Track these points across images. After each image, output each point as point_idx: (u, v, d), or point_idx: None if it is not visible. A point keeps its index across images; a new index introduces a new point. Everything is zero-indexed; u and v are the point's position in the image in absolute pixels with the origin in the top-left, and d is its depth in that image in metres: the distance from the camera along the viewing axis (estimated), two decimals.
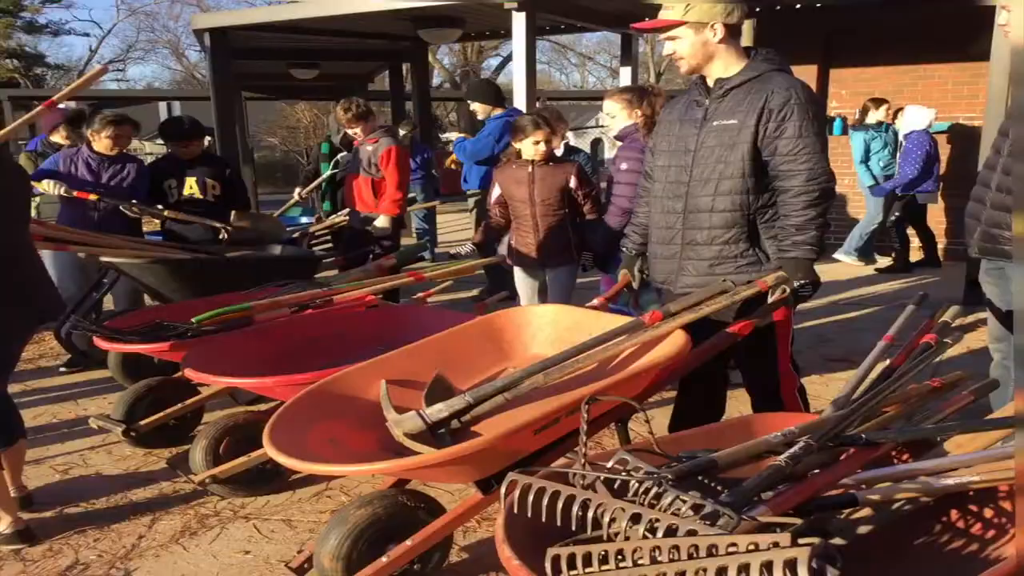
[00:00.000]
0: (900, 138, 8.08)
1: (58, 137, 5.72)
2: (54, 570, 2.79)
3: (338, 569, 2.35)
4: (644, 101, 4.10)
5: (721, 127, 2.80)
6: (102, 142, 5.03)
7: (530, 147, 4.21)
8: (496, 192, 4.46)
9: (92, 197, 4.87)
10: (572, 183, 4.28)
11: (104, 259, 4.40)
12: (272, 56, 10.96)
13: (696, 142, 2.87)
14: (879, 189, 8.06)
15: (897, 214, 8.13)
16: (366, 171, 5.66)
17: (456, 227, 12.63)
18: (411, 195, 7.57)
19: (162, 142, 6.39)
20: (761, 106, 2.72)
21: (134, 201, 4.94)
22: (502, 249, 4.70)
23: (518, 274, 4.57)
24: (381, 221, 5.62)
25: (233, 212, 5.18)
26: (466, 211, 10.08)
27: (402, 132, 8.51)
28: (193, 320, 3.51)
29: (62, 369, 5.29)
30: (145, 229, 5.45)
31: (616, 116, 4.19)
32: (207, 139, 7.43)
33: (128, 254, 4.39)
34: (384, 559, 2.31)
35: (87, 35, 55.19)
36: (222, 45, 8.58)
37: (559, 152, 5.44)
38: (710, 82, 2.89)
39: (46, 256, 5.53)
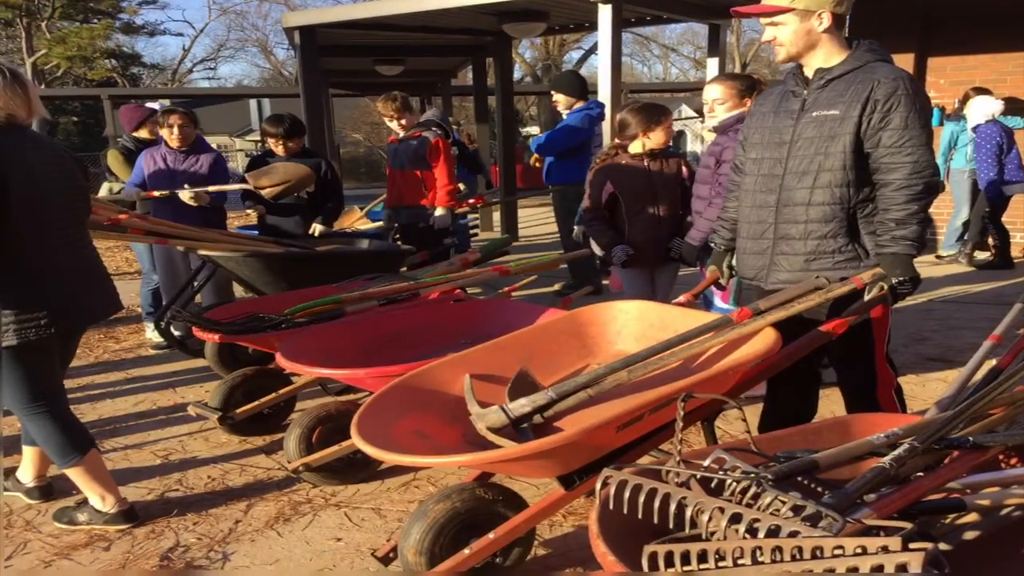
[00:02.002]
0: (968, 131, 7.77)
1: (144, 133, 5.97)
2: (157, 551, 2.91)
3: (422, 563, 2.37)
4: (755, 92, 3.96)
5: (821, 118, 2.71)
6: (164, 133, 5.32)
7: (661, 135, 4.14)
8: (607, 190, 4.24)
9: (155, 194, 5.16)
10: (684, 172, 4.23)
11: (202, 252, 4.56)
12: (359, 53, 11.12)
13: (793, 133, 2.79)
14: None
15: (987, 209, 7.81)
16: (413, 165, 5.68)
17: (538, 220, 12.67)
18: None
19: (251, 138, 6.51)
20: (866, 96, 2.62)
21: (185, 185, 5.12)
22: (596, 246, 4.57)
23: (630, 275, 4.33)
24: (440, 212, 5.67)
25: (248, 175, 5.25)
26: (548, 205, 10.11)
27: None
28: (286, 312, 3.61)
29: (152, 350, 5.71)
30: (240, 224, 5.61)
31: (725, 103, 3.98)
32: None
33: (225, 248, 4.53)
34: (466, 551, 2.33)
35: (180, 35, 57.55)
36: (311, 42, 8.75)
37: None
38: (808, 72, 2.80)
39: (141, 248, 5.83)
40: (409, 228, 5.79)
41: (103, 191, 6.17)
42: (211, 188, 5.15)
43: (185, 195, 5.07)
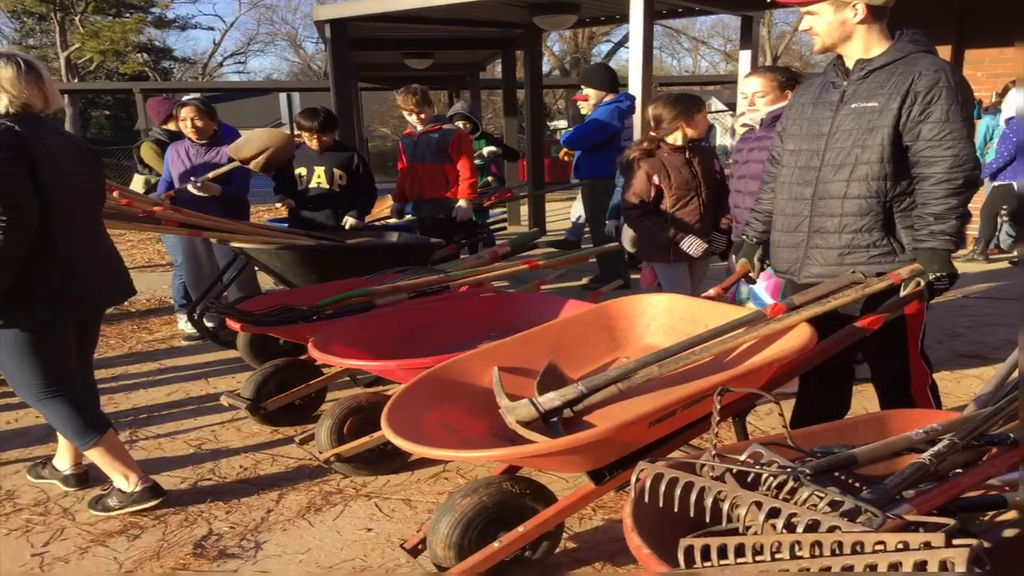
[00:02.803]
0: (1001, 122, 7.63)
1: (172, 125, 6.04)
2: (190, 539, 2.94)
3: (451, 556, 2.37)
4: (795, 85, 3.92)
5: (860, 109, 2.67)
6: (182, 127, 5.36)
7: (701, 124, 4.16)
8: (653, 184, 4.18)
9: (171, 193, 5.19)
10: (717, 165, 4.23)
11: (235, 245, 4.60)
12: (388, 46, 11.15)
13: (831, 125, 2.75)
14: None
15: (1005, 207, 7.68)
16: (435, 158, 5.68)
17: (566, 214, 12.63)
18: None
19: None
20: (906, 88, 2.57)
21: (192, 178, 5.14)
22: (627, 242, 4.55)
23: (672, 271, 4.26)
24: (462, 205, 5.67)
25: (229, 149, 5.23)
26: (574, 199, 10.08)
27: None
28: (317, 304, 3.63)
29: (184, 341, 5.74)
30: (271, 217, 5.64)
31: (765, 96, 3.91)
32: None
33: (257, 240, 4.57)
34: (496, 544, 2.32)
35: (211, 29, 58.15)
36: (341, 36, 8.79)
37: None
38: (848, 63, 2.76)
39: (172, 241, 5.88)
40: (426, 220, 5.80)
41: (137, 184, 6.24)
42: (211, 174, 5.16)
43: (193, 188, 5.10)
